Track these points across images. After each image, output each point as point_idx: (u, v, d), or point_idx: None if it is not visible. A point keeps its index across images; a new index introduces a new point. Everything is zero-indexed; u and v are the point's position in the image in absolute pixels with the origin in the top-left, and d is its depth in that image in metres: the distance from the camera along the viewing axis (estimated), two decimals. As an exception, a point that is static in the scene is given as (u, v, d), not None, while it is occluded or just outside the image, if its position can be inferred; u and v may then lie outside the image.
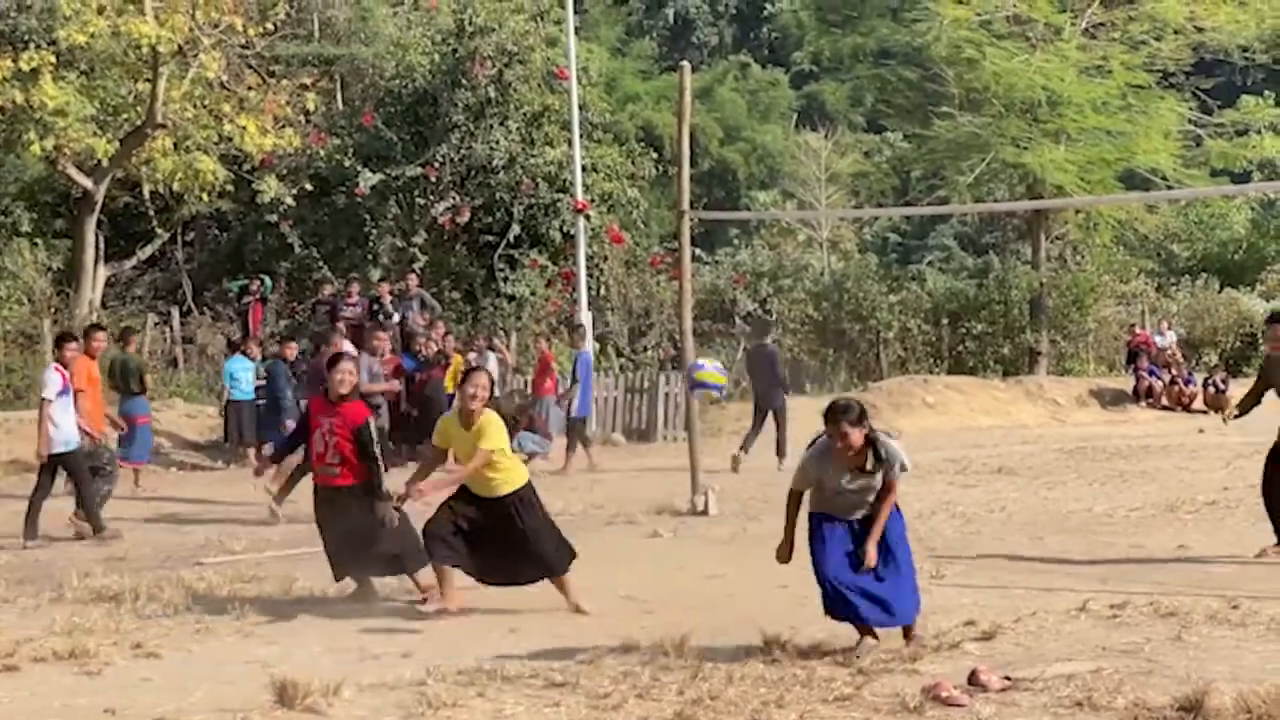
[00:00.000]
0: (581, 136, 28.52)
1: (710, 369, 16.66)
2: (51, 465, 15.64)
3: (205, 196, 28.61)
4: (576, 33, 29.93)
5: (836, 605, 9.13)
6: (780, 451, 20.40)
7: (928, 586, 11.37)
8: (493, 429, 10.65)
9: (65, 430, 15.45)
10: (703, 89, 63.87)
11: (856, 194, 58.12)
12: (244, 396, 22.80)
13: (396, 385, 21.18)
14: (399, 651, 9.42)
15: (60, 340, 16.45)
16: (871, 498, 9.24)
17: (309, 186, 29.47)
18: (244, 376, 23.15)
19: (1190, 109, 37.70)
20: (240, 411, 22.92)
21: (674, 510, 16.42)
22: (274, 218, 29.46)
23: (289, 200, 28.73)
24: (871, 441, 9.21)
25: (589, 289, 28.23)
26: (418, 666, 8.83)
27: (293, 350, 18.72)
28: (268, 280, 27.64)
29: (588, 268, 28.33)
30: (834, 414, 9.23)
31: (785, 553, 9.43)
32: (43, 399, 15.44)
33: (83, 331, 17.29)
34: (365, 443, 11.21)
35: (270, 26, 28.78)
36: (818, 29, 50.32)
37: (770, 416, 21.21)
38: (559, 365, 25.86)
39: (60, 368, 15.65)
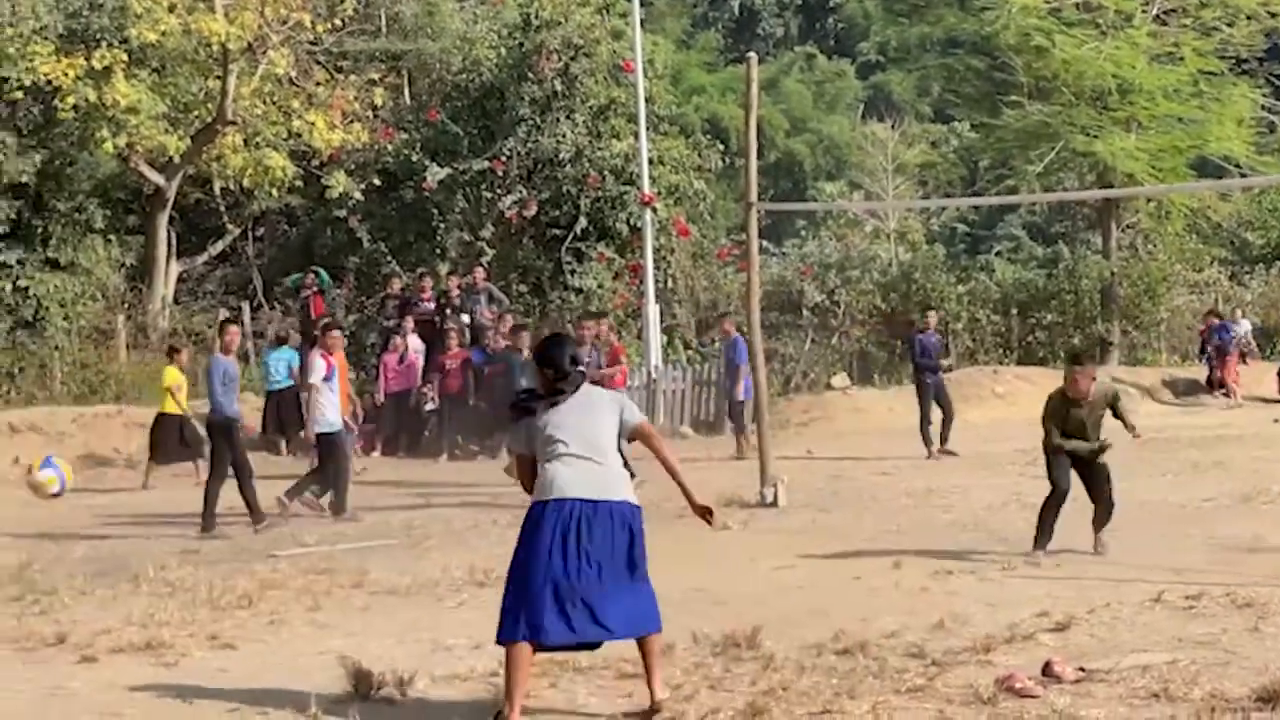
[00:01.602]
0: (647, 129, 28.49)
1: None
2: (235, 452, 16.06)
3: (275, 192, 28.81)
4: (642, 25, 29.89)
5: None
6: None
7: (999, 577, 11.35)
8: None
9: (329, 413, 16.34)
10: (769, 80, 63.69)
11: (924, 184, 57.80)
12: (282, 386, 23.08)
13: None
14: (471, 642, 9.46)
15: (325, 328, 17.37)
16: None
17: (377, 181, 29.59)
18: (280, 367, 23.34)
19: (1263, 95, 37.28)
20: (278, 401, 23.20)
21: (743, 502, 16.40)
22: (342, 213, 29.59)
23: (357, 195, 28.87)
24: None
25: (656, 281, 28.20)
26: (490, 657, 8.86)
27: (233, 337, 18.05)
28: (323, 274, 27.76)
29: (655, 260, 28.31)
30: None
31: None
32: (310, 384, 16.39)
33: (321, 327, 17.90)
34: None
35: (338, 22, 28.95)
36: (884, 19, 49.98)
37: None
38: (628, 360, 25.89)
39: (325, 354, 16.48)
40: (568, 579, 7.56)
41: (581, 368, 8.13)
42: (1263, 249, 44.53)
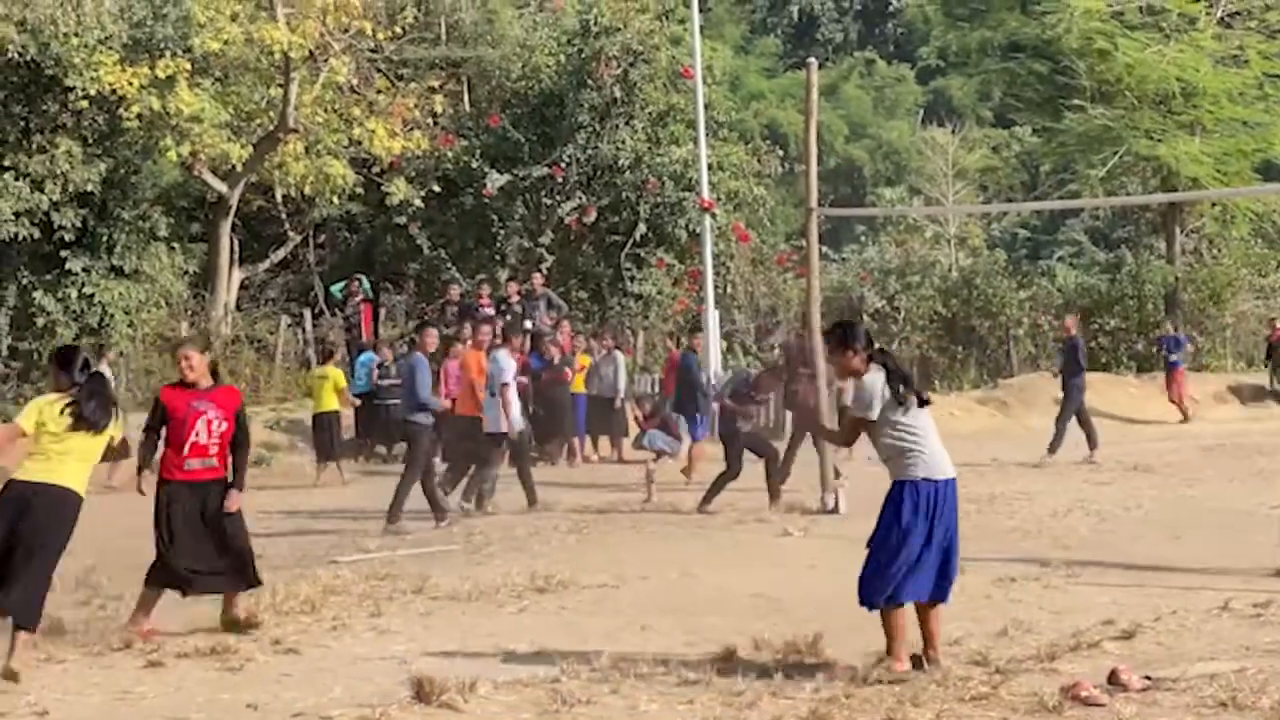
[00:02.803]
0: (707, 135, 28.49)
1: None
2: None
3: (335, 199, 28.96)
4: (701, 31, 29.89)
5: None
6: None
7: (1063, 585, 11.26)
8: None
9: (515, 413, 17.14)
10: (828, 86, 63.60)
11: (984, 189, 57.55)
12: (363, 390, 23.47)
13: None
14: (532, 648, 9.47)
15: (510, 329, 18.23)
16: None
17: (437, 188, 29.69)
18: (362, 373, 23.74)
19: (1330, 98, 36.92)
20: (360, 408, 23.69)
21: (804, 508, 16.36)
22: (403, 219, 29.71)
23: (417, 202, 28.97)
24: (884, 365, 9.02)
25: (716, 287, 28.18)
26: (551, 663, 8.87)
27: (433, 339, 18.71)
28: (365, 281, 27.91)
29: (714, 266, 28.29)
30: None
31: None
32: (503, 383, 16.92)
33: (471, 327, 18.51)
34: None
35: (399, 30, 29.07)
36: (944, 23, 49.78)
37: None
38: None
39: (512, 354, 17.30)
40: (930, 546, 8.73)
41: None
42: (1329, 253, 44.09)
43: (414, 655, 9.28)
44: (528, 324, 25.55)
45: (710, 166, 28.73)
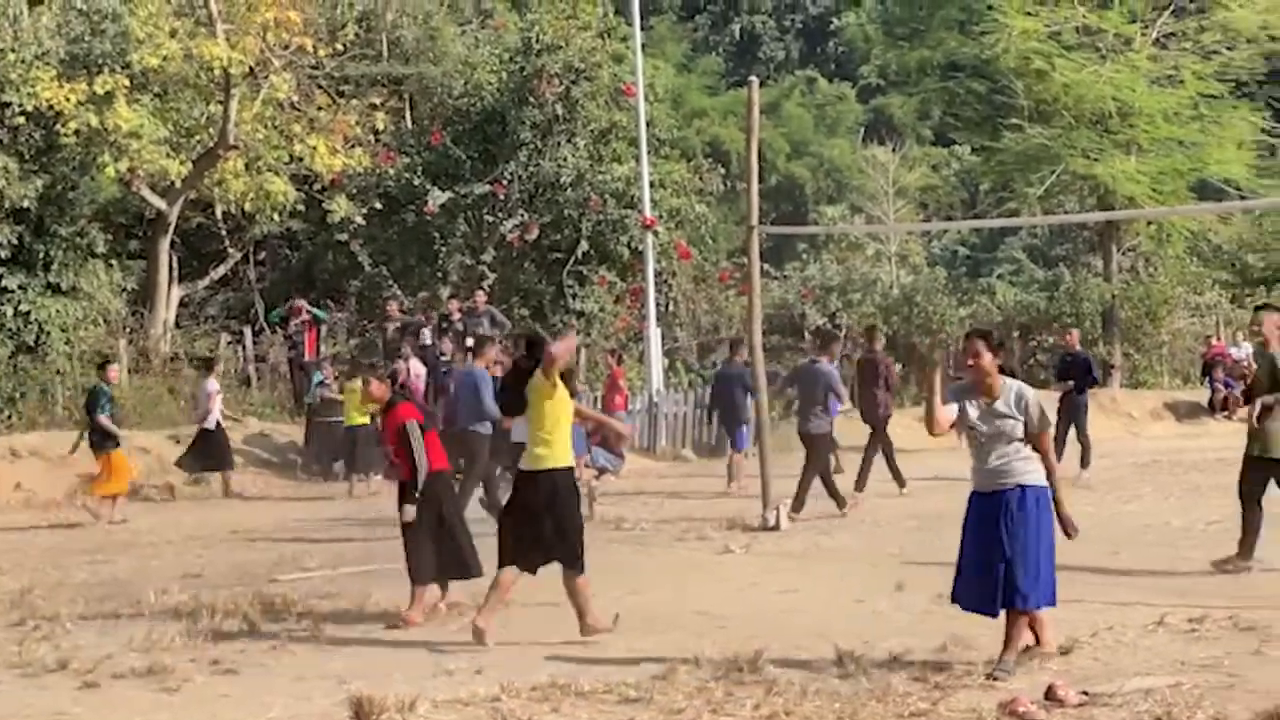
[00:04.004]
0: (649, 152, 28.56)
1: None
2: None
3: (276, 216, 28.83)
4: (643, 49, 29.98)
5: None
6: (796, 500, 17.56)
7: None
8: None
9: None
10: (770, 104, 63.82)
11: (925, 207, 57.87)
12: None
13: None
14: (473, 667, 9.45)
15: (532, 345, 17.36)
16: (1009, 448, 9.13)
17: (379, 205, 29.62)
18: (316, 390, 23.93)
19: (1263, 118, 37.35)
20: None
21: (745, 525, 16.39)
22: (344, 237, 29.63)
23: (359, 219, 28.90)
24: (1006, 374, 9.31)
25: (657, 305, 28.24)
26: (491, 682, 8.86)
27: (492, 353, 18.85)
28: (318, 312, 27.83)
29: (656, 283, 28.35)
30: (971, 333, 9.38)
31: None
32: None
33: (475, 345, 18.55)
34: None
35: (340, 47, 28.98)
36: (884, 43, 50.14)
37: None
38: (628, 382, 25.95)
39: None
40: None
41: None
42: (1263, 271, 44.56)
43: (353, 674, 9.24)
44: (469, 341, 25.52)
45: (652, 184, 28.79)
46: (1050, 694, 8.13)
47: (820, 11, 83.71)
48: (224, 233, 31.32)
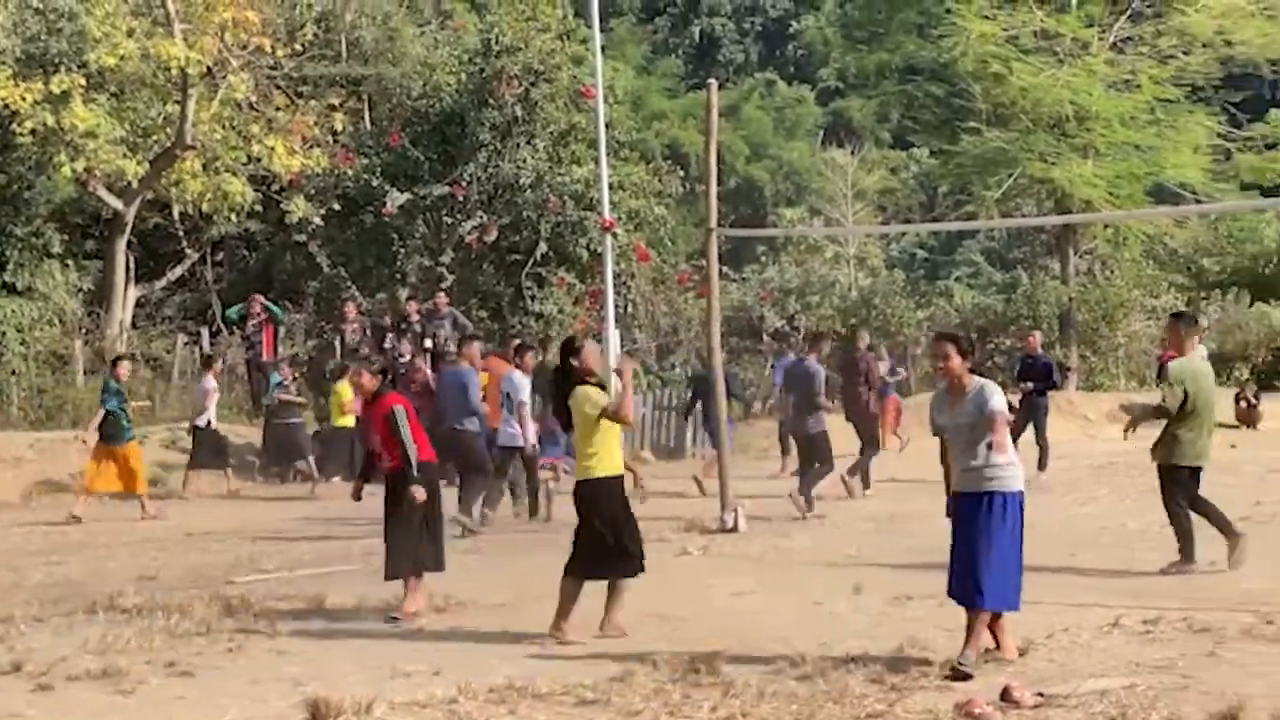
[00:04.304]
0: (608, 154, 28.49)
1: None
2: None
3: (234, 217, 28.73)
4: (603, 51, 29.92)
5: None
6: (804, 493, 17.94)
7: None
8: None
9: (530, 430, 17.65)
10: (729, 106, 63.92)
11: (883, 210, 58.09)
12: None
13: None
14: (430, 669, 9.43)
15: (521, 349, 18.50)
16: (984, 449, 9.23)
17: (337, 206, 29.51)
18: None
19: (1219, 123, 37.58)
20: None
21: (703, 528, 16.39)
22: (302, 238, 29.52)
23: (317, 220, 28.79)
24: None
25: (616, 307, 28.18)
26: (449, 684, 8.84)
27: (477, 352, 19.05)
28: (273, 307, 27.74)
29: (615, 285, 28.27)
30: (939, 336, 9.68)
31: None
32: (520, 401, 17.44)
33: (459, 345, 19.05)
34: None
35: (298, 47, 28.89)
36: (843, 46, 50.33)
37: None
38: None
39: (526, 372, 17.72)
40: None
41: None
42: (1219, 275, 44.92)
43: (310, 676, 9.21)
44: (428, 343, 25.50)
45: (611, 186, 28.74)
46: (1006, 695, 8.17)
47: (779, 14, 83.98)
48: (181, 233, 31.17)
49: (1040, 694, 8.25)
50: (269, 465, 24.33)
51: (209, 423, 22.90)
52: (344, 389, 22.36)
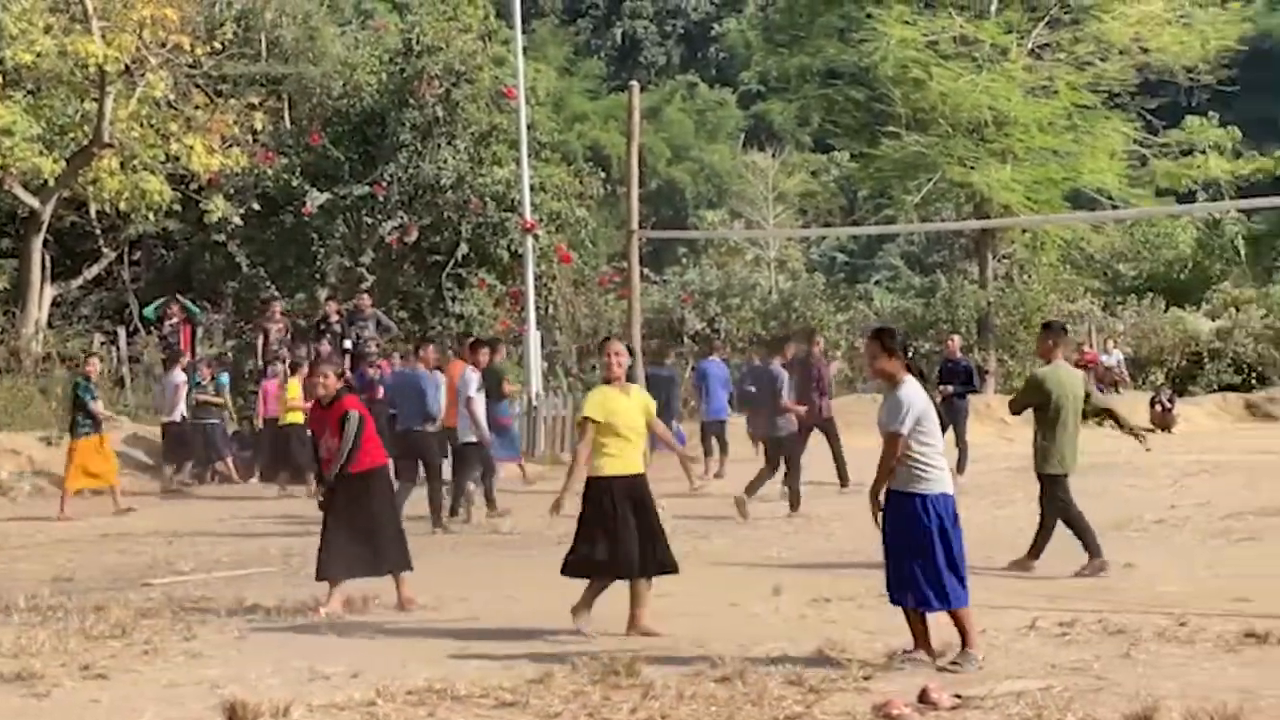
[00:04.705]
0: (529, 156, 28.52)
1: None
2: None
3: (152, 216, 28.47)
4: (524, 52, 29.95)
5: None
6: (792, 499, 18.21)
7: (876, 605, 11.43)
8: None
9: (484, 425, 17.78)
10: (651, 109, 64.03)
11: (804, 213, 58.36)
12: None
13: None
14: (349, 671, 9.37)
15: (475, 345, 18.79)
16: (912, 451, 9.35)
17: (256, 206, 29.35)
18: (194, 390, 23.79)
19: (1136, 129, 38.02)
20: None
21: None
22: (221, 237, 29.32)
23: (236, 219, 28.61)
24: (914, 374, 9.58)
25: (537, 308, 28.21)
26: (367, 686, 8.79)
27: (433, 355, 19.14)
28: (191, 305, 27.53)
29: (536, 287, 28.31)
30: (869, 334, 9.74)
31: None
32: (469, 396, 17.56)
33: (415, 348, 19.03)
34: None
35: (218, 46, 28.67)
36: (765, 49, 50.43)
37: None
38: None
39: (476, 368, 17.83)
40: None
41: None
42: (1134, 280, 45.45)
43: (227, 679, 9.13)
44: (347, 343, 25.38)
45: (533, 187, 28.76)
46: (924, 696, 8.21)
47: (701, 18, 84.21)
48: (98, 232, 30.85)
49: (958, 695, 8.30)
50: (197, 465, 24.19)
51: (183, 418, 23.25)
52: (294, 386, 22.25)
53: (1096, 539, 13.20)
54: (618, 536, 10.42)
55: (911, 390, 9.43)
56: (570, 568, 10.62)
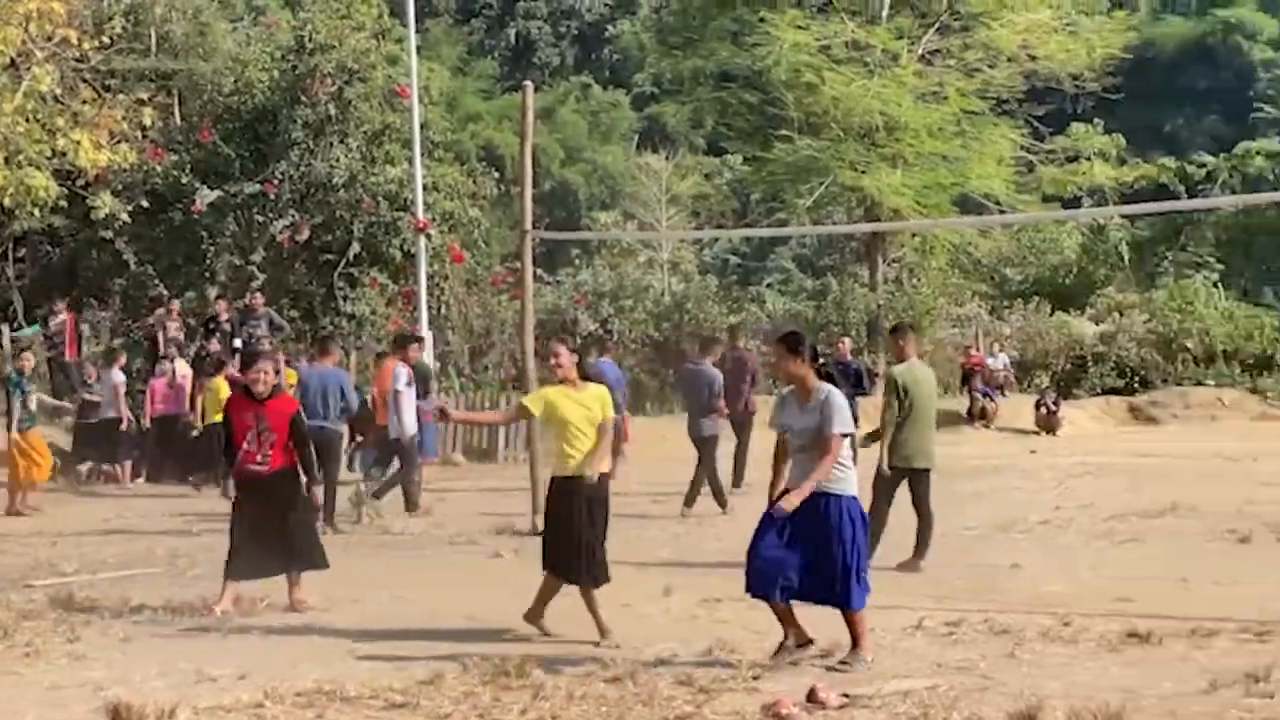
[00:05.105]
0: (422, 155, 28.38)
1: None
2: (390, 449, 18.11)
3: (37, 212, 27.96)
4: (418, 51, 29.79)
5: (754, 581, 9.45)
6: (717, 497, 18.23)
7: (765, 606, 11.50)
8: None
9: (408, 419, 17.79)
10: (545, 109, 64.01)
11: (697, 215, 58.50)
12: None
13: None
14: (236, 673, 9.29)
15: (405, 341, 19.07)
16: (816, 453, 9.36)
17: (145, 203, 28.95)
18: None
19: (1023, 135, 38.55)
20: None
21: (515, 530, 16.40)
22: (109, 234, 28.91)
23: (124, 216, 28.21)
24: (824, 377, 9.60)
25: (430, 308, 28.09)
26: (255, 688, 8.74)
27: (337, 352, 19.23)
28: (26, 329, 27.44)
29: (429, 287, 28.18)
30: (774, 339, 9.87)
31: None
32: (397, 390, 17.72)
33: (319, 345, 19.04)
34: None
35: (106, 40, 28.24)
36: (659, 51, 50.53)
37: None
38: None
39: (406, 364, 17.95)
40: None
41: None
42: (1021, 284, 46.01)
43: (111, 681, 9.03)
44: (237, 342, 25.16)
45: (426, 187, 28.62)
46: (812, 696, 8.28)
47: (595, 19, 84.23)
48: (-19, 227, 30.34)
49: (845, 695, 8.38)
50: (74, 465, 23.89)
51: (116, 415, 23.16)
52: (221, 385, 21.86)
53: (930, 541, 13.67)
54: (570, 539, 10.43)
55: (838, 392, 9.51)
56: (543, 562, 10.69)
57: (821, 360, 9.76)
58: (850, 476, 9.48)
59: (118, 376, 23.41)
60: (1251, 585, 12.22)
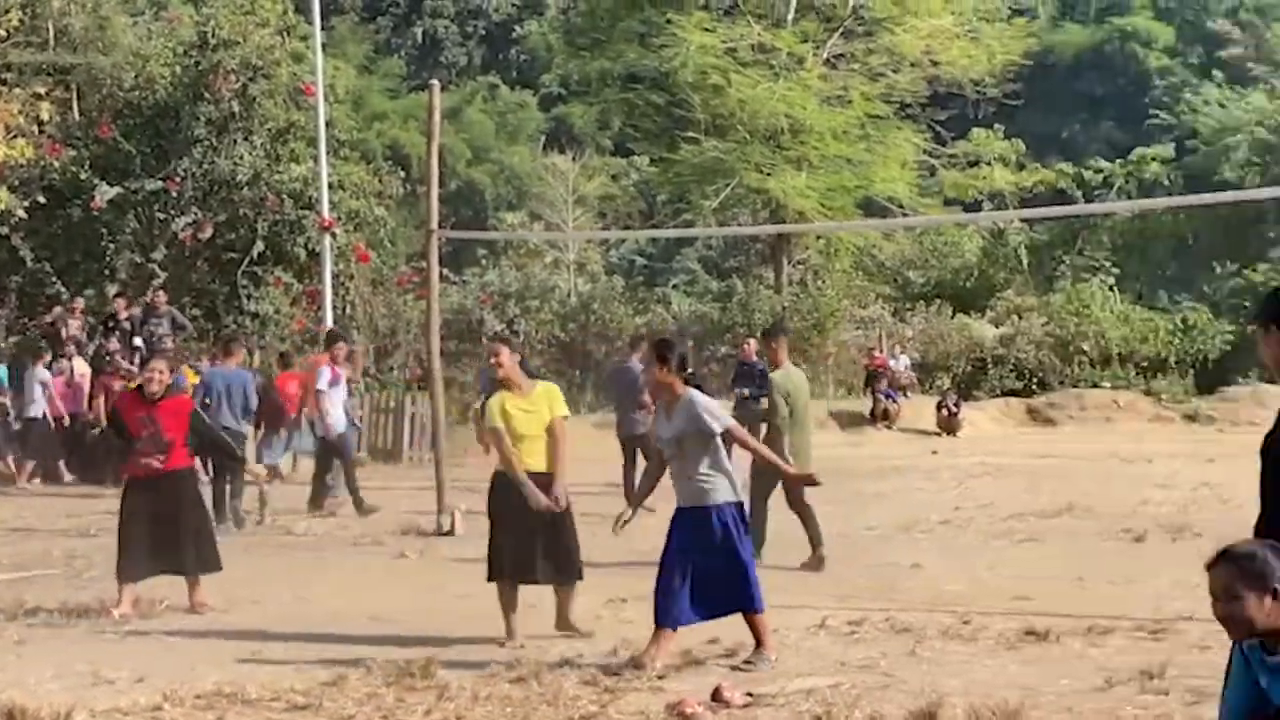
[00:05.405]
0: (328, 153, 28.20)
1: None
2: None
3: (-70, 207, 27.58)
4: (323, 49, 29.59)
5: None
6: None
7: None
8: None
9: (335, 417, 17.95)
10: (451, 109, 63.72)
11: (603, 216, 58.55)
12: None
13: None
14: (134, 675, 9.19)
15: (332, 339, 19.15)
16: (693, 464, 9.40)
17: (42, 199, 28.53)
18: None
19: (925, 140, 38.89)
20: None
21: (420, 531, 16.34)
22: (4, 230, 28.49)
23: (20, 213, 27.80)
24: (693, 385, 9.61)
25: (335, 308, 27.91)
26: (154, 690, 8.64)
27: (242, 353, 19.11)
28: None
29: (334, 286, 28.00)
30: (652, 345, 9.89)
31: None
32: (318, 389, 17.84)
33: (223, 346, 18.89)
34: None
35: (2, 33, 27.87)
36: (566, 52, 50.51)
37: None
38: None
39: (331, 363, 18.02)
40: None
41: None
42: (923, 287, 46.41)
43: (6, 684, 8.90)
44: (137, 341, 24.88)
45: (331, 185, 28.43)
46: (716, 695, 8.31)
47: (503, 19, 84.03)
48: (-128, 223, 29.79)
49: (749, 694, 8.42)
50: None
51: (43, 414, 22.93)
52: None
53: (820, 533, 13.78)
54: (519, 537, 10.29)
55: (699, 393, 9.54)
56: (489, 570, 10.46)
57: (691, 371, 9.72)
58: (720, 483, 9.45)
59: (42, 375, 23.09)
60: (1146, 584, 12.39)
